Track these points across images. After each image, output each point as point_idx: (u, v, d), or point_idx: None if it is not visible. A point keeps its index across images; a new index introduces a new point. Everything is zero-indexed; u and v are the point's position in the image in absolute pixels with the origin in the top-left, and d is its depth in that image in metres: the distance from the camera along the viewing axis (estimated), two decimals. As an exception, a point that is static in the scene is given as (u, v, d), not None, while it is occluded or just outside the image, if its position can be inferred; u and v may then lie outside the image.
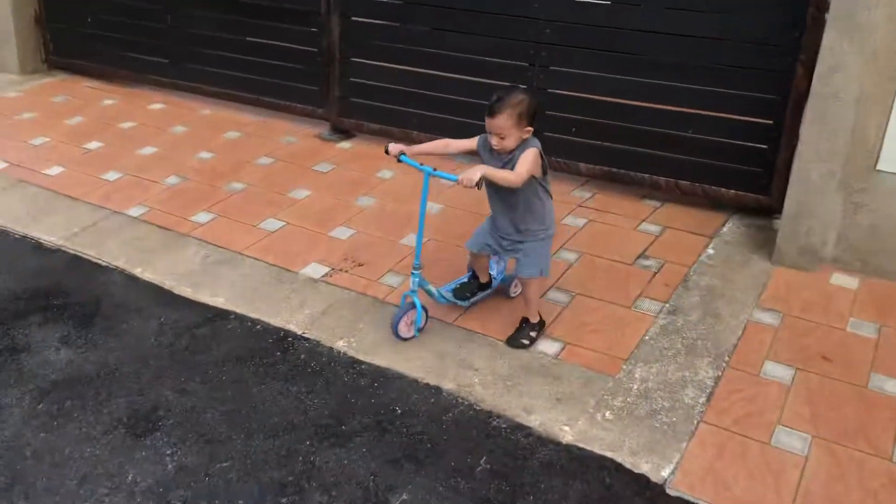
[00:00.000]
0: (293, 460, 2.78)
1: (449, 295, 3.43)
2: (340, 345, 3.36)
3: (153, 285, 3.78)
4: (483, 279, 3.52)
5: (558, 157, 4.57)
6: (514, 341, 3.30)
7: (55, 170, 4.85)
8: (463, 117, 4.77)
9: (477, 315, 3.50)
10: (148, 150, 5.09)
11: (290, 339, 3.41)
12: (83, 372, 3.24)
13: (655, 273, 3.79)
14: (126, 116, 5.61)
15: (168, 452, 2.82)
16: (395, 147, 3.23)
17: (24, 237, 4.19)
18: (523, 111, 2.99)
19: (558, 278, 3.74)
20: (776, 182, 4.04)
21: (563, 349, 3.29)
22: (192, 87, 5.76)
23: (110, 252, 4.02)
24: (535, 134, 3.07)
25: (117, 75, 6.15)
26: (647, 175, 4.41)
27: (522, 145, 3.05)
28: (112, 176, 4.76)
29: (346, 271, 3.84)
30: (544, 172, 3.13)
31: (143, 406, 3.04)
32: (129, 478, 2.71)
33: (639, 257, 3.92)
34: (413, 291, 3.30)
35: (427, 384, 3.13)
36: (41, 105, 5.81)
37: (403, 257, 3.92)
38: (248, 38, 5.45)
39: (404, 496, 2.63)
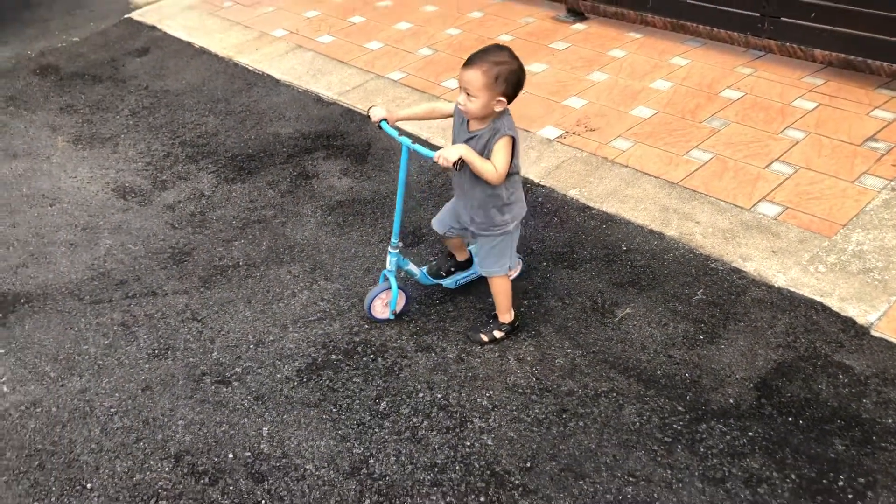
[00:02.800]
0: (533, 274, 3.31)
1: (426, 276, 3.18)
2: (573, 193, 3.81)
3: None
4: (460, 257, 3.24)
5: (793, 42, 4.64)
6: (472, 332, 2.98)
7: (326, 38, 5.58)
8: (698, 1, 4.93)
9: (701, 175, 3.80)
10: (403, 25, 5.69)
11: (528, 185, 3.90)
12: (360, 196, 3.93)
13: (883, 154, 3.88)
14: (382, -4, 6.24)
15: (431, 260, 3.44)
16: (377, 111, 2.78)
17: (307, 91, 4.95)
18: (502, 73, 2.47)
19: (783, 153, 3.93)
20: None
21: (782, 212, 3.53)
22: (441, -30, 6.25)
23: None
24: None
25: (374, -41, 6.77)
26: (885, 63, 4.38)
27: (494, 126, 2.57)
28: (374, 45, 5.42)
29: (579, 135, 4.25)
30: (515, 167, 2.69)
31: (409, 225, 3.68)
32: (401, 274, 3.36)
33: (868, 139, 4.00)
34: (390, 271, 3.00)
35: (651, 230, 3.52)
36: (310, -16, 6.58)
37: (633, 125, 4.26)
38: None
39: (628, 310, 3.09)
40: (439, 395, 2.71)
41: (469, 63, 2.52)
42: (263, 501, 2.29)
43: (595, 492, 2.35)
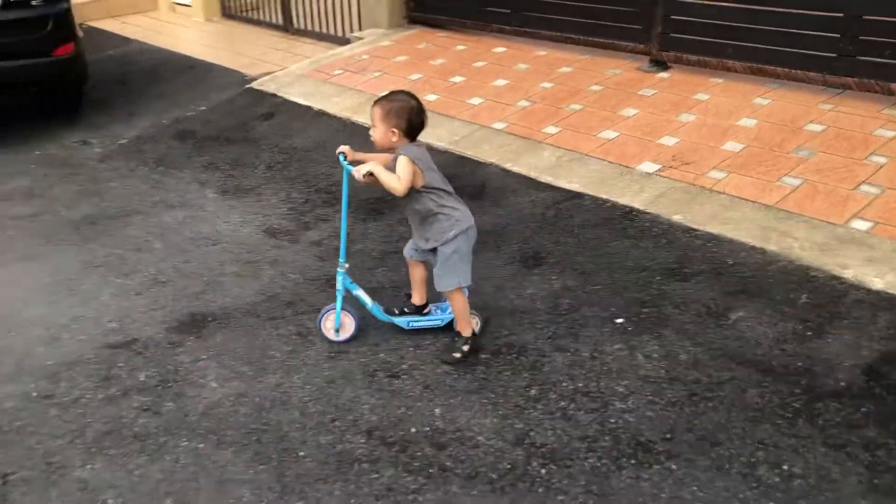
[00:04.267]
0: (648, 287, 3.72)
1: (379, 311, 3.43)
2: (677, 218, 4.22)
3: (521, 175, 4.90)
4: (416, 299, 3.50)
5: (870, 78, 5.02)
6: (445, 356, 3.29)
7: (431, 97, 6.18)
8: (776, 45, 5.36)
9: (795, 198, 4.17)
10: (500, 82, 6.26)
11: (634, 213, 4.33)
12: (482, 228, 4.34)
13: (966, 173, 4.20)
14: (477, 58, 6.84)
15: (553, 278, 3.88)
16: (341, 146, 3.28)
17: (420, 142, 5.51)
18: (393, 108, 3.07)
19: (869, 177, 4.28)
20: None
21: (874, 226, 3.88)
22: (530, 32, 6.85)
23: (485, 153, 5.22)
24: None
25: (465, 26, 7.44)
26: (961, 93, 4.73)
27: (398, 153, 3.10)
28: (475, 101, 5.99)
29: (676, 168, 4.68)
30: (429, 183, 3.14)
31: (529, 249, 4.14)
32: (528, 291, 3.80)
33: (949, 161, 4.34)
34: (339, 290, 3.32)
35: (753, 246, 3.90)
36: (409, 51, 7.25)
37: (725, 158, 4.67)
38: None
39: (740, 313, 3.46)
40: (580, 385, 3.11)
41: (375, 101, 3.16)
42: (448, 463, 2.72)
43: (731, 456, 2.71)
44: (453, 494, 2.60)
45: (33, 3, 6.22)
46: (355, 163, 3.22)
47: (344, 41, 8.17)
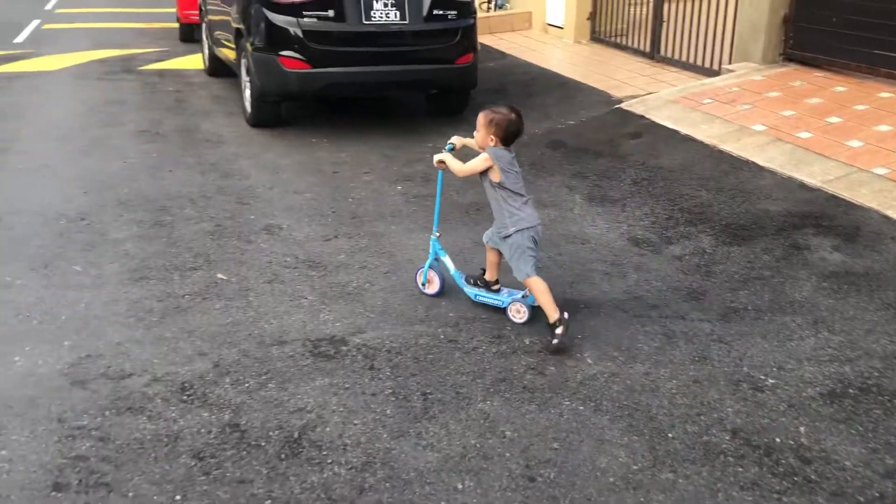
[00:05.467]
0: None
1: (460, 278, 4.12)
2: None
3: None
4: (488, 275, 4.06)
5: None
6: (550, 347, 3.65)
7: (804, 134, 6.13)
8: None
9: None
10: (883, 128, 6.02)
11: None
12: (853, 269, 4.36)
13: None
14: (857, 101, 6.62)
15: None
16: (454, 137, 4.03)
17: (790, 178, 5.53)
18: (495, 119, 3.68)
19: None
20: None
21: None
22: (924, 79, 6.47)
23: (862, 196, 5.10)
24: None
25: (847, 68, 7.20)
26: None
27: (487, 150, 3.73)
28: (854, 143, 5.83)
29: None
30: (503, 183, 3.72)
31: (907, 299, 4.02)
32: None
33: None
34: (431, 253, 4.14)
35: None
36: (782, 87, 7.21)
37: None
38: None
39: None
40: (961, 440, 3.03)
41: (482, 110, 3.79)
42: (814, 476, 2.84)
43: None
44: (818, 504, 2.73)
45: (449, 17, 7.23)
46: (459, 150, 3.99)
47: (711, 72, 8.31)
